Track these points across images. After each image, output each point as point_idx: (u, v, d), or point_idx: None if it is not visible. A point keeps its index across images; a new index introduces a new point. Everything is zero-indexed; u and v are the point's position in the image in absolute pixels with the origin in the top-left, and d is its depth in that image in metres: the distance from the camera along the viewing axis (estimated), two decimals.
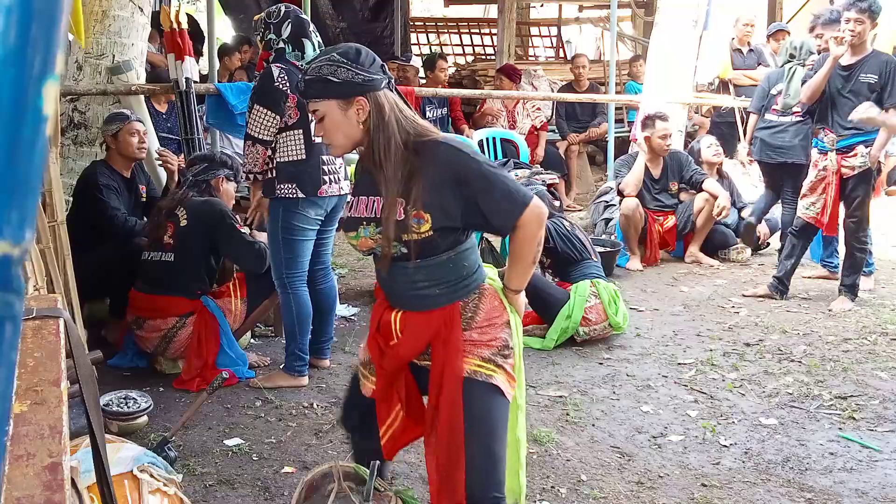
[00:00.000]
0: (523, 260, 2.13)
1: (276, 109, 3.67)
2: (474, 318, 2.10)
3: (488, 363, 2.08)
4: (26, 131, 0.51)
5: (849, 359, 4.38)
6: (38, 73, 0.50)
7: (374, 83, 2.04)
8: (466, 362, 2.07)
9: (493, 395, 2.08)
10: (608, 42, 9.60)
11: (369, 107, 2.04)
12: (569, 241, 4.70)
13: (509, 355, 2.12)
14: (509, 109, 8.39)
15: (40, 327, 1.60)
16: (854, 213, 5.20)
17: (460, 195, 2.01)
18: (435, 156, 2.02)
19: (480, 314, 2.11)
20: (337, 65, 2.02)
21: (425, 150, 2.03)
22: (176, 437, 3.19)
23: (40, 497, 1.05)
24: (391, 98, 2.07)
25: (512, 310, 2.18)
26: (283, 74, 3.71)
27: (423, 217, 2.01)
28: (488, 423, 2.07)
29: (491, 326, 2.11)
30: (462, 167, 2.01)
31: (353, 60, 2.02)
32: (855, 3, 4.89)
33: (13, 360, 0.55)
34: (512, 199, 2.01)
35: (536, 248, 2.10)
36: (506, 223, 2.05)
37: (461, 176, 2.01)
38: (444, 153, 2.03)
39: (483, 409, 2.06)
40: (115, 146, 4.50)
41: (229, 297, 4.12)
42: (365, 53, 2.06)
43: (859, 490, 3.01)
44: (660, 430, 3.51)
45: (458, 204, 2.02)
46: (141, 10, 5.41)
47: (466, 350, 2.07)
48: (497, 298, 2.15)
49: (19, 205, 0.51)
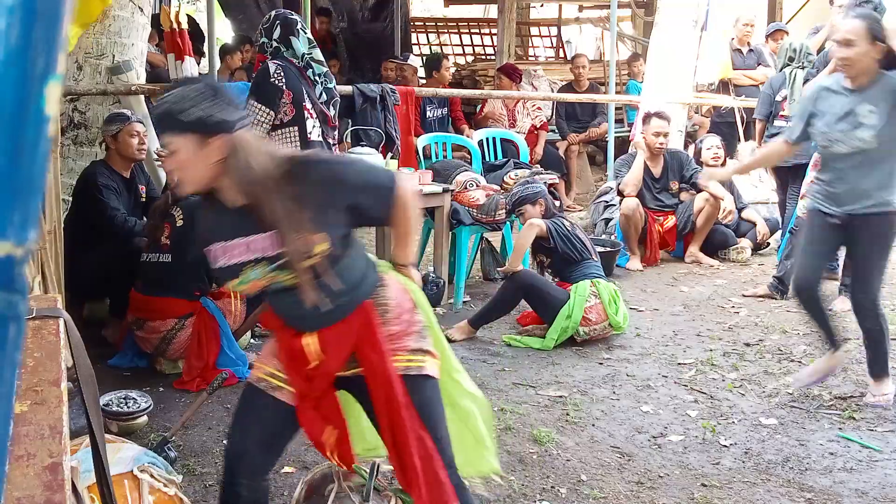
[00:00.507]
0: (407, 235, 2.20)
1: (270, 105, 3.68)
2: (388, 310, 2.12)
3: (416, 353, 2.12)
4: (29, 132, 0.51)
5: (849, 359, 4.37)
6: (41, 73, 0.50)
7: (231, 123, 1.94)
8: (397, 360, 2.09)
9: (428, 383, 2.13)
10: (608, 42, 9.60)
11: (226, 147, 1.93)
12: (569, 241, 4.70)
13: (426, 336, 2.16)
14: (509, 109, 8.40)
15: (40, 327, 1.60)
16: None
17: (341, 203, 2.03)
18: (307, 176, 2.00)
19: (392, 303, 2.13)
20: (193, 102, 1.90)
21: (295, 174, 1.99)
22: (176, 437, 3.19)
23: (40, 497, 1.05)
24: (247, 138, 1.99)
25: (411, 284, 2.23)
26: (279, 70, 3.72)
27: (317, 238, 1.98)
28: (429, 411, 2.12)
29: (405, 311, 2.15)
30: (334, 177, 2.06)
31: (211, 98, 1.92)
32: (856, 8, 4.89)
33: (17, 360, 0.55)
34: (382, 187, 2.09)
35: (414, 221, 2.16)
36: (384, 212, 2.11)
37: (336, 185, 2.04)
38: (314, 171, 2.04)
39: (423, 400, 2.11)
40: (115, 147, 4.50)
41: (229, 298, 4.12)
42: (222, 91, 1.97)
43: (859, 490, 3.01)
44: (660, 430, 3.51)
45: (342, 211, 2.04)
46: (141, 10, 5.41)
47: (393, 346, 2.09)
48: (397, 282, 2.19)
49: (22, 205, 0.51)
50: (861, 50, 3.48)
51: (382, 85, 5.91)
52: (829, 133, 3.61)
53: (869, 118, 3.50)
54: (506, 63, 9.38)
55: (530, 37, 13.46)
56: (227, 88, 2.07)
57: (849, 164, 3.60)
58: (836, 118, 3.58)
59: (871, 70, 3.53)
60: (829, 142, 3.61)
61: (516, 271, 4.72)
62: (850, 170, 3.60)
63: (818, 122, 3.65)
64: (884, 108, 3.50)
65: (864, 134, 3.52)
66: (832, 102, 3.62)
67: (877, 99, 3.51)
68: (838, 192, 3.64)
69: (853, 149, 3.56)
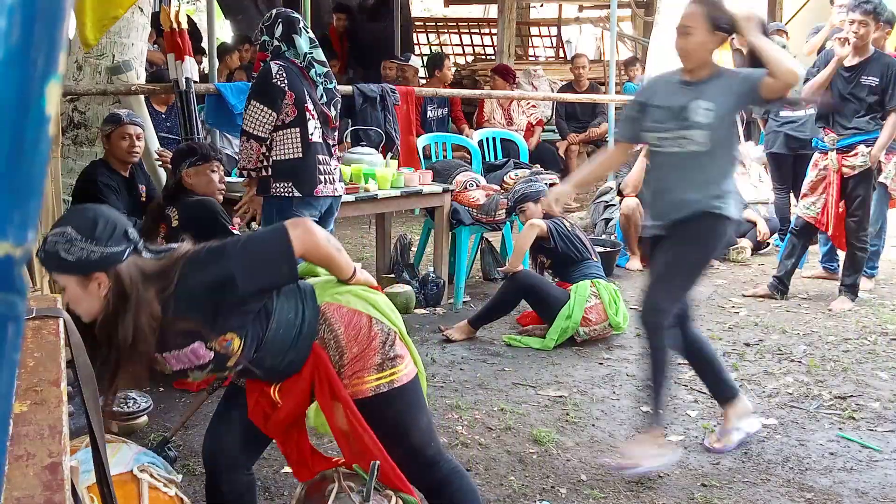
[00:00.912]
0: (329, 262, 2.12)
1: (272, 106, 3.67)
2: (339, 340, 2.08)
3: (384, 368, 2.10)
4: (29, 132, 0.51)
5: (849, 359, 4.38)
6: (41, 73, 0.50)
7: (113, 257, 1.87)
8: (365, 382, 2.09)
9: (401, 392, 2.12)
10: (608, 42, 9.59)
11: (109, 281, 1.89)
12: (569, 241, 4.70)
13: (393, 341, 2.13)
14: (505, 108, 8.41)
15: (40, 327, 1.60)
16: (855, 213, 5.20)
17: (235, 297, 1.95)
18: (189, 289, 1.94)
19: (340, 331, 2.09)
20: (71, 242, 1.84)
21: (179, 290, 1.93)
22: (176, 437, 3.19)
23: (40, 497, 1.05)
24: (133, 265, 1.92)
25: (358, 293, 2.15)
26: (280, 71, 3.71)
27: (228, 339, 1.97)
28: (401, 420, 2.14)
29: (359, 330, 2.10)
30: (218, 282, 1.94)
31: (88, 237, 1.84)
32: (860, 5, 4.87)
33: (15, 361, 0.55)
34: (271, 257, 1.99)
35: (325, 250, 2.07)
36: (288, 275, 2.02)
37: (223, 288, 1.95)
38: (192, 282, 1.94)
39: (395, 413, 2.13)
40: (109, 147, 4.51)
41: None
42: (102, 226, 1.88)
43: (859, 490, 3.01)
44: None
45: (240, 305, 1.97)
46: (141, 10, 5.41)
47: (356, 370, 2.08)
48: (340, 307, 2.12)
49: (22, 205, 0.51)
50: (698, 39, 3.02)
51: (382, 85, 5.91)
52: (659, 131, 3.11)
53: (704, 116, 3.01)
54: (499, 64, 9.39)
55: (530, 37, 13.47)
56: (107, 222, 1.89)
57: (677, 170, 3.09)
58: (669, 115, 3.08)
59: (709, 62, 3.09)
60: (660, 142, 3.12)
61: (516, 271, 4.72)
62: (677, 176, 3.08)
63: (648, 119, 3.15)
64: (722, 106, 3.02)
65: (697, 134, 3.03)
66: (667, 96, 3.12)
67: (714, 95, 3.03)
68: (663, 203, 3.13)
69: (684, 150, 3.06)
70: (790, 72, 2.93)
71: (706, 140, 3.02)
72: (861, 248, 5.26)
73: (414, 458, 2.18)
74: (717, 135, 3.03)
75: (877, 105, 5.02)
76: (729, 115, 3.08)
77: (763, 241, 6.83)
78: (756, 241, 6.79)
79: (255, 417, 2.20)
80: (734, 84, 3.06)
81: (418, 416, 2.19)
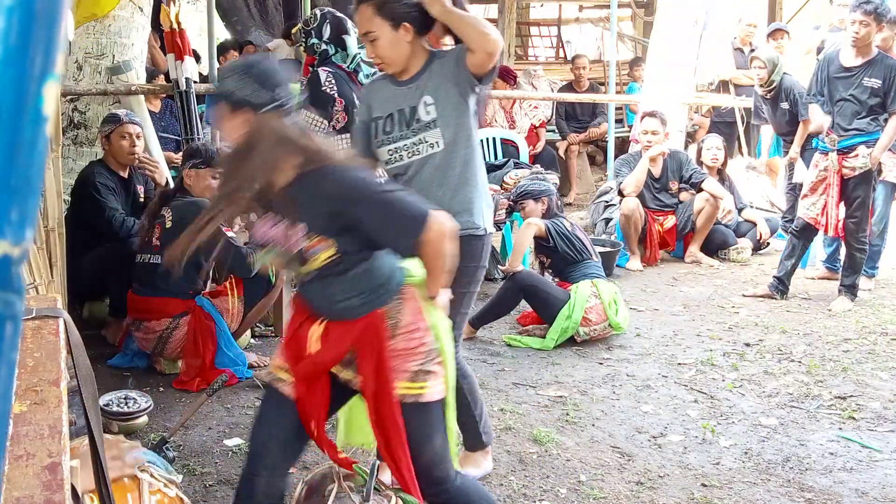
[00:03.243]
0: (434, 272, 2.11)
1: (323, 114, 3.64)
2: (399, 323, 2.10)
3: (416, 378, 2.10)
4: (27, 131, 0.51)
5: (849, 359, 4.38)
6: (39, 73, 0.50)
7: (260, 102, 2.01)
8: (396, 383, 2.09)
9: (423, 410, 2.12)
10: (608, 42, 9.60)
11: (250, 123, 2.02)
12: (569, 241, 4.70)
13: (434, 360, 2.13)
14: (507, 110, 8.41)
15: (40, 327, 1.60)
16: (854, 214, 5.20)
17: (351, 222, 2.02)
18: (319, 186, 2.01)
19: (404, 318, 2.11)
20: (232, 72, 2.05)
21: (311, 179, 2.01)
22: (175, 438, 3.19)
23: (40, 497, 1.05)
24: (280, 123, 2.03)
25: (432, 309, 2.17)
26: (329, 78, 3.68)
27: (322, 244, 2.02)
28: (419, 440, 2.13)
29: (416, 330, 2.11)
30: (346, 198, 2.01)
31: (245, 74, 2.03)
32: (861, 5, 4.87)
33: (13, 360, 0.55)
34: (402, 223, 2.01)
35: (447, 259, 2.08)
36: (406, 245, 2.05)
37: (345, 206, 2.01)
38: (328, 185, 2.02)
39: (413, 426, 2.11)
40: (108, 147, 4.52)
41: (226, 296, 4.11)
42: (262, 71, 2.04)
43: (859, 490, 3.01)
44: (660, 430, 3.51)
45: (352, 230, 2.03)
46: (141, 10, 5.42)
47: (394, 365, 2.08)
48: (417, 300, 2.14)
49: (20, 204, 0.51)
50: (386, 41, 2.59)
51: None
52: (387, 142, 2.70)
53: (430, 113, 2.65)
54: (500, 65, 9.38)
55: (530, 37, 13.47)
56: (268, 71, 2.07)
57: (418, 182, 2.66)
58: (393, 121, 2.69)
59: (417, 54, 2.66)
60: (392, 154, 2.70)
61: (516, 271, 4.72)
62: (421, 188, 2.59)
63: (373, 128, 2.74)
64: (445, 99, 2.64)
65: (430, 135, 2.66)
66: (384, 98, 2.73)
67: (435, 88, 2.65)
68: None
69: (420, 158, 2.68)
70: (482, 36, 2.53)
71: (440, 140, 2.66)
72: (860, 248, 5.26)
73: (419, 473, 2.17)
74: (450, 132, 2.66)
75: (878, 107, 5.02)
76: (455, 106, 2.66)
77: (763, 241, 6.82)
78: (756, 241, 6.79)
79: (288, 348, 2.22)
80: (446, 70, 2.65)
81: (433, 437, 2.17)
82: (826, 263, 6.13)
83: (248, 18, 10.92)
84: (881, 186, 5.60)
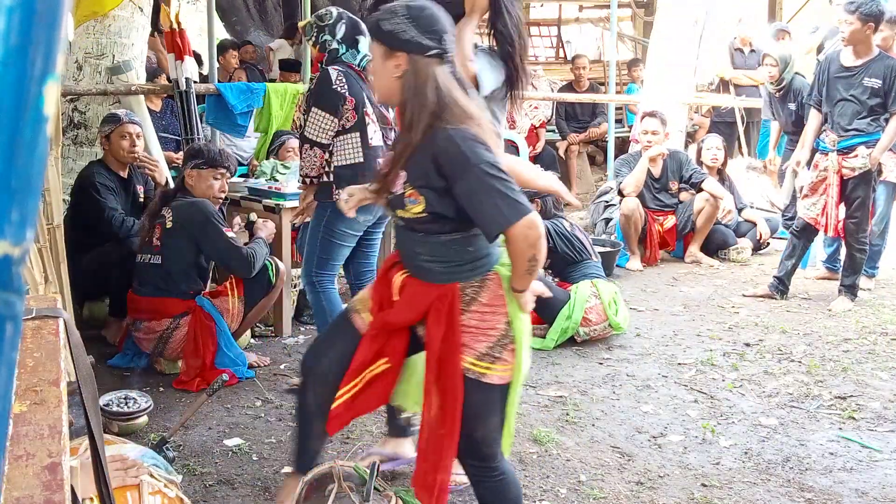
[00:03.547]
0: (518, 268, 2.11)
1: (333, 112, 3.63)
2: (473, 301, 2.12)
3: (483, 359, 2.12)
4: (27, 131, 0.51)
5: (849, 359, 4.38)
6: (40, 73, 0.50)
7: (420, 46, 2.04)
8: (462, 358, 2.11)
9: (486, 389, 2.13)
10: (608, 42, 9.60)
11: (406, 66, 2.05)
12: (569, 241, 4.70)
13: (506, 347, 2.14)
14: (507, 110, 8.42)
15: (40, 327, 1.60)
16: (854, 214, 5.20)
17: (450, 189, 2.04)
18: (435, 144, 2.03)
19: (481, 298, 2.12)
20: (394, 14, 2.04)
21: (434, 135, 2.04)
22: (175, 438, 3.19)
23: (40, 497, 1.05)
24: (437, 70, 2.06)
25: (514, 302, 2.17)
26: (340, 76, 3.67)
27: (417, 198, 2.07)
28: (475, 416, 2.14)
29: (492, 314, 2.13)
30: (452, 164, 2.02)
31: (408, 16, 2.04)
32: (845, 4, 4.90)
33: (14, 360, 0.55)
34: (494, 212, 2.00)
35: (529, 263, 2.06)
36: (489, 231, 2.05)
37: (449, 171, 2.02)
38: (442, 144, 2.03)
39: (472, 404, 2.13)
40: (108, 147, 4.51)
41: (227, 296, 4.11)
42: (427, 15, 2.06)
43: (859, 490, 3.01)
44: (660, 430, 3.51)
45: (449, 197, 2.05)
46: (141, 10, 5.42)
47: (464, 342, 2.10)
48: (501, 289, 2.15)
49: (20, 205, 0.51)
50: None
51: None
52: None
53: None
54: None
55: (530, 37, 13.46)
56: (433, 17, 2.07)
57: None
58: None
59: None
60: None
61: None
62: None
63: None
64: None
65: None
66: None
67: None
68: None
69: None
70: None
71: None
72: (860, 248, 5.26)
73: (470, 448, 2.20)
74: None
75: (879, 107, 5.02)
76: None
77: (763, 241, 6.82)
78: (756, 241, 6.79)
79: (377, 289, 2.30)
80: None
81: (489, 417, 2.19)
82: (826, 263, 6.13)
83: (247, 18, 10.93)
84: (882, 186, 5.60)
